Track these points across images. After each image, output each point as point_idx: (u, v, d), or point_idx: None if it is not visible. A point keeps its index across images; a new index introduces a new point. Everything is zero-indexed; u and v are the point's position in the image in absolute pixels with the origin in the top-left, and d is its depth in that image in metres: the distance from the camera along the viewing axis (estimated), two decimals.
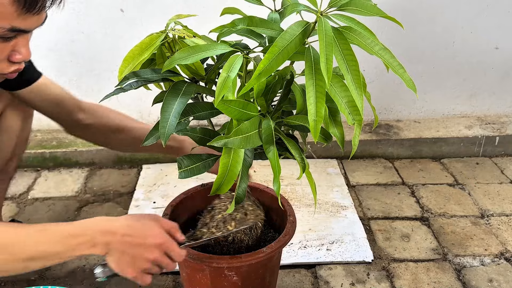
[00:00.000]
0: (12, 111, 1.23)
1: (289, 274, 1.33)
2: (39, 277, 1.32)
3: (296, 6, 0.84)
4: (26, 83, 1.16)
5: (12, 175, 1.34)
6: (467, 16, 1.90)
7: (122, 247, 0.83)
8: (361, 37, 0.76)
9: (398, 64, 0.77)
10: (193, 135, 0.90)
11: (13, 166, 1.32)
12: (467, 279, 1.32)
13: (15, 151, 1.29)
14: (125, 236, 0.83)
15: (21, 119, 1.27)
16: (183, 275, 1.10)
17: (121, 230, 0.84)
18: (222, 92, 0.77)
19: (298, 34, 0.73)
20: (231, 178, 0.85)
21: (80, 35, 1.82)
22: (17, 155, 1.31)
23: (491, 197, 1.69)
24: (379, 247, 1.44)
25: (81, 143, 1.90)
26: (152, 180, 1.76)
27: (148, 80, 0.89)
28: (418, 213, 1.60)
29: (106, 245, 0.83)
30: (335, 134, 0.84)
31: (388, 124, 2.05)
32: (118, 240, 0.83)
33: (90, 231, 0.83)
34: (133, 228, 0.85)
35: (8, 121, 1.23)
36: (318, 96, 0.73)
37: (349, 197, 1.67)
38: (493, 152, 1.98)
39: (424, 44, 1.94)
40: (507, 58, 2.00)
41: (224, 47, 0.83)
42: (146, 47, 0.87)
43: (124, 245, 0.83)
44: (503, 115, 2.12)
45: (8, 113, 1.22)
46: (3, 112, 1.22)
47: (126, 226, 0.84)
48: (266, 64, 0.71)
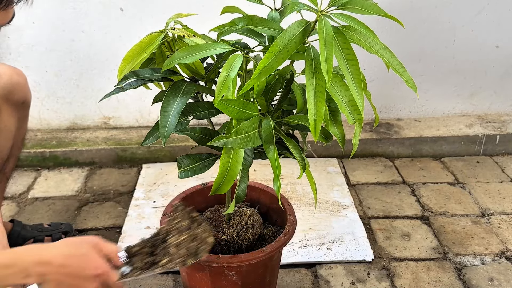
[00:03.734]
0: (7, 111, 1.22)
1: (289, 274, 1.33)
2: None
3: (296, 5, 0.83)
4: None
5: (9, 175, 1.33)
6: (468, 15, 1.90)
7: (59, 279, 0.77)
8: (361, 36, 0.76)
9: (398, 64, 0.77)
10: (193, 134, 0.90)
11: (10, 166, 1.31)
12: (467, 278, 1.32)
13: (12, 151, 1.28)
14: (61, 267, 0.77)
15: (17, 119, 1.26)
16: (183, 275, 1.10)
17: (56, 260, 0.77)
18: (222, 91, 0.77)
19: (298, 33, 0.73)
20: (231, 178, 0.85)
21: (80, 34, 1.82)
22: (14, 156, 1.30)
23: (491, 196, 1.69)
24: (379, 246, 1.44)
25: (81, 142, 1.90)
26: (152, 180, 1.76)
27: (148, 80, 0.88)
28: (419, 212, 1.60)
29: (41, 276, 0.77)
30: (336, 133, 0.84)
31: (389, 123, 2.05)
32: (53, 271, 0.77)
33: (22, 262, 0.77)
34: (70, 258, 0.78)
35: (4, 122, 1.22)
36: (318, 96, 0.73)
37: (349, 196, 1.66)
38: (493, 150, 1.98)
39: (425, 43, 1.93)
40: (508, 57, 1.99)
41: (224, 46, 0.82)
42: (146, 46, 0.87)
43: (60, 276, 0.77)
44: (503, 113, 2.11)
45: (3, 114, 1.22)
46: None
47: (62, 256, 0.78)
48: (266, 63, 0.71)
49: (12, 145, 1.26)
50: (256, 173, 1.79)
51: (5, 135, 1.23)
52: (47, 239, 1.40)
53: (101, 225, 1.53)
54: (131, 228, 1.49)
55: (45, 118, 1.96)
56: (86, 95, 1.93)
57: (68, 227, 1.45)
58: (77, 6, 1.77)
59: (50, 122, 1.98)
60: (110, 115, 1.99)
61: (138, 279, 0.90)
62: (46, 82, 1.89)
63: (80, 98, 1.94)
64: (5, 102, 1.21)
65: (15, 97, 1.23)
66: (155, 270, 0.85)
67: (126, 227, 1.50)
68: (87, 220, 1.56)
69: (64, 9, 1.78)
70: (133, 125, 2.01)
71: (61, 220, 1.55)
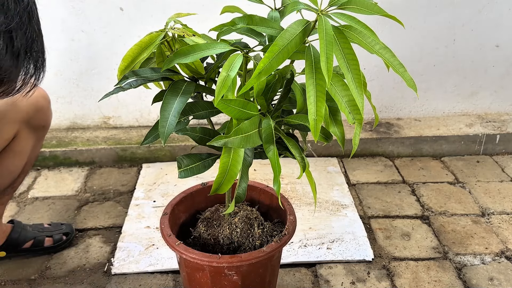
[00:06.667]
0: (26, 134, 1.20)
1: (289, 273, 1.33)
2: (39, 276, 1.32)
3: (296, 5, 0.83)
4: None
5: (17, 187, 1.32)
6: (468, 14, 1.90)
7: None
8: (361, 36, 0.76)
9: (398, 63, 0.77)
10: (193, 134, 0.90)
11: (19, 181, 1.30)
12: (467, 277, 1.32)
13: (24, 168, 1.27)
14: None
15: (34, 141, 1.24)
16: (183, 275, 1.09)
17: None
18: (222, 91, 0.77)
19: (298, 33, 0.73)
20: (231, 178, 0.85)
21: (79, 34, 1.82)
22: (25, 172, 1.30)
23: (491, 196, 1.68)
24: (379, 245, 1.44)
25: (81, 142, 1.90)
26: (152, 179, 1.76)
27: (148, 79, 0.88)
28: (419, 212, 1.60)
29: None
30: (336, 133, 0.84)
31: (389, 123, 2.05)
32: None
33: None
34: None
35: (22, 144, 1.20)
36: (318, 95, 0.73)
37: (349, 195, 1.66)
38: (493, 150, 1.98)
39: (425, 42, 1.93)
40: (508, 56, 1.99)
41: (224, 46, 0.82)
42: (146, 46, 0.87)
43: None
44: (504, 113, 2.11)
45: (22, 136, 1.19)
46: (18, 134, 1.19)
47: None
48: (266, 63, 0.71)
49: (26, 164, 1.25)
50: (256, 172, 1.79)
51: (20, 156, 1.22)
52: (48, 239, 1.40)
53: (101, 225, 1.53)
54: (131, 228, 1.49)
55: None
56: (86, 95, 1.93)
57: (68, 228, 1.45)
58: (76, 5, 1.77)
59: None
60: (110, 115, 1.99)
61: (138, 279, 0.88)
62: (45, 81, 1.88)
63: (80, 98, 1.94)
64: (25, 126, 1.19)
65: (36, 122, 1.21)
66: None
67: (126, 226, 1.50)
68: (87, 219, 1.56)
69: (63, 9, 1.78)
70: (133, 125, 2.01)
71: (61, 219, 1.55)
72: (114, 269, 1.34)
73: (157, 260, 1.36)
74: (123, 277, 1.32)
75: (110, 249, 1.43)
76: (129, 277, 1.32)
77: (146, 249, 1.40)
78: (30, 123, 1.20)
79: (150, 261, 1.35)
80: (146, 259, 1.36)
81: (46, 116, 1.24)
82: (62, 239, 1.42)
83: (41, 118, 1.22)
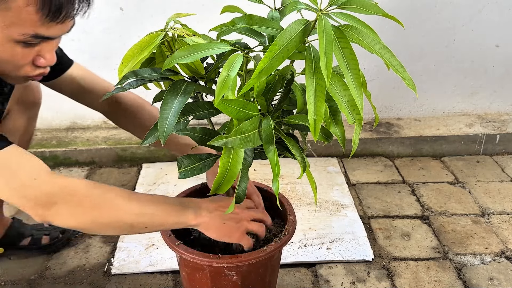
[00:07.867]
0: (18, 111, 1.22)
1: (289, 273, 1.33)
2: (39, 276, 1.32)
3: (296, 5, 0.83)
4: (60, 72, 1.14)
5: None
6: (468, 14, 1.90)
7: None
8: (361, 35, 0.75)
9: (398, 64, 0.77)
10: (193, 134, 0.89)
11: None
12: (467, 277, 1.32)
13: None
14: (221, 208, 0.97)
15: (26, 119, 1.26)
16: (183, 275, 1.09)
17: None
18: (222, 91, 0.77)
19: (298, 33, 0.73)
20: (231, 178, 0.85)
21: (79, 34, 1.82)
22: None
23: (491, 196, 1.68)
24: (379, 245, 1.44)
25: (81, 142, 1.90)
26: (152, 179, 1.76)
27: (148, 79, 0.88)
28: (419, 212, 1.60)
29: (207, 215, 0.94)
30: (336, 133, 0.84)
31: (389, 123, 2.05)
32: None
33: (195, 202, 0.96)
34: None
35: (14, 122, 1.22)
36: (318, 95, 0.73)
37: (349, 195, 1.66)
38: (493, 150, 1.98)
39: (425, 42, 1.93)
40: (508, 56, 1.99)
41: (224, 46, 0.82)
42: (146, 46, 0.87)
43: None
44: (504, 113, 2.11)
45: (14, 114, 1.21)
46: (10, 112, 1.21)
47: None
48: (266, 63, 0.71)
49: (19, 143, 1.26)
50: (256, 173, 1.79)
51: (13, 136, 1.23)
52: (45, 237, 1.40)
53: None
54: None
55: (45, 118, 1.96)
56: None
57: None
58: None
59: (50, 122, 1.98)
60: None
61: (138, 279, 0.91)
62: None
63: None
64: (15, 103, 1.21)
65: (26, 98, 1.23)
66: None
67: None
68: None
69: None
70: None
71: None
72: (114, 269, 1.34)
73: (157, 260, 1.36)
74: (123, 277, 1.32)
75: (110, 249, 1.43)
76: (129, 277, 1.32)
77: (146, 249, 1.40)
78: (21, 100, 1.21)
79: (150, 261, 1.35)
80: (146, 259, 1.36)
81: (35, 92, 1.26)
82: (59, 237, 1.42)
83: (30, 94, 1.24)
